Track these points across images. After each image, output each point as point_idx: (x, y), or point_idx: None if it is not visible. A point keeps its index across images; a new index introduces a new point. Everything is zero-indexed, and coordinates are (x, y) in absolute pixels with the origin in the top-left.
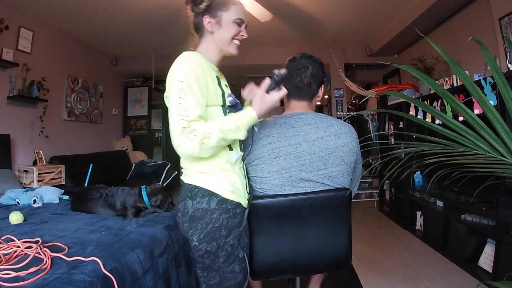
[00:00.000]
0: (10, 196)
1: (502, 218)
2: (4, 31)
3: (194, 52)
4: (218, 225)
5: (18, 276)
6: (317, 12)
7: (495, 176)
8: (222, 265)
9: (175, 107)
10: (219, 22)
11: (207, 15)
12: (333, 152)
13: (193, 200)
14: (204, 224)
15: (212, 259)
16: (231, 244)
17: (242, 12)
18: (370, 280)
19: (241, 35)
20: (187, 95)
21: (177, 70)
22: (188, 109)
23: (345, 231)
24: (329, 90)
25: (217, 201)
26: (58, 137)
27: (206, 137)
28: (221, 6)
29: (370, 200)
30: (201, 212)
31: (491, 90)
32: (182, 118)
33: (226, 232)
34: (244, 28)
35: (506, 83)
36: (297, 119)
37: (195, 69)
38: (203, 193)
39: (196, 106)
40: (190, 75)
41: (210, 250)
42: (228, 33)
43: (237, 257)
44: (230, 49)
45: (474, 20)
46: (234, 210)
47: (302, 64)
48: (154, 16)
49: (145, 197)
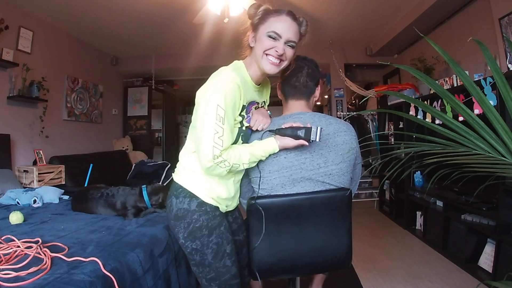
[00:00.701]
0: (10, 196)
1: (502, 218)
2: (4, 31)
3: (236, 74)
4: (198, 226)
5: (18, 276)
6: (317, 12)
7: (495, 176)
8: (212, 261)
9: (211, 132)
10: (255, 36)
11: (252, 29)
12: (333, 150)
13: (177, 199)
14: (186, 224)
15: (200, 256)
16: (216, 242)
17: (281, 27)
18: (370, 280)
19: (274, 50)
20: (224, 124)
21: (217, 94)
22: (223, 139)
23: (345, 231)
24: (329, 90)
25: (197, 203)
26: (58, 137)
27: (235, 167)
28: (262, 20)
29: (370, 200)
30: (183, 212)
31: (491, 90)
32: (216, 146)
33: (208, 232)
34: (282, 44)
35: (506, 83)
36: (295, 119)
37: (233, 96)
38: (186, 193)
39: (229, 135)
40: (228, 103)
41: (196, 248)
42: (259, 47)
43: (225, 253)
44: (262, 64)
45: (474, 20)
46: (213, 213)
47: (297, 65)
48: (154, 16)
49: (146, 196)
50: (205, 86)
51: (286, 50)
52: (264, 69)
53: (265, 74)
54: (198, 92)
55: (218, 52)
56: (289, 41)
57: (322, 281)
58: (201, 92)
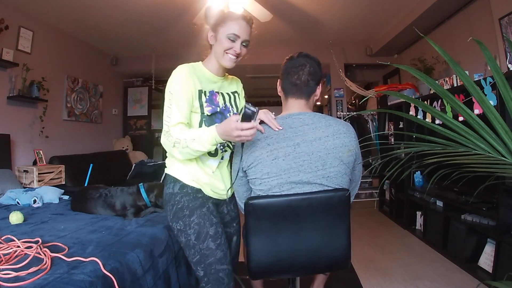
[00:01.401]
0: (10, 196)
1: (502, 218)
2: (4, 31)
3: (186, 65)
4: (180, 206)
5: (18, 276)
6: (317, 12)
7: (495, 176)
8: (195, 242)
9: (164, 114)
10: (215, 36)
11: (211, 30)
12: (332, 152)
13: (165, 186)
14: (171, 206)
15: (185, 237)
16: (197, 223)
17: (239, 29)
18: (370, 280)
19: (233, 50)
20: (172, 105)
21: (170, 82)
22: (171, 117)
23: (343, 231)
24: (329, 90)
25: (179, 186)
26: (58, 137)
27: (177, 142)
28: (220, 22)
29: (370, 200)
30: (169, 196)
31: (491, 90)
32: (165, 123)
33: (189, 212)
34: (239, 44)
35: (506, 83)
36: (294, 119)
37: (182, 82)
38: (171, 179)
39: (177, 114)
40: (177, 88)
41: (180, 229)
42: (220, 47)
43: (207, 234)
44: (223, 61)
45: (474, 20)
46: (194, 194)
47: (300, 62)
48: (154, 16)
49: (144, 193)
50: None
51: (242, 49)
52: (224, 65)
53: (224, 67)
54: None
55: None
56: (244, 41)
57: (324, 282)
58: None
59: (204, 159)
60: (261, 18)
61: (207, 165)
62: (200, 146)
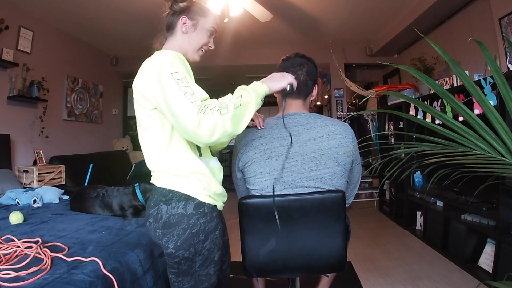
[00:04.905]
0: (10, 196)
1: (502, 218)
2: (4, 31)
3: (171, 51)
4: (195, 231)
5: (18, 276)
6: (317, 12)
7: (495, 176)
8: (198, 269)
9: (181, 97)
10: (195, 25)
11: (184, 15)
12: (326, 153)
13: (168, 205)
14: (181, 230)
15: (189, 265)
16: (208, 249)
17: (216, 24)
18: (370, 280)
19: (209, 46)
20: (189, 82)
21: (165, 66)
22: (196, 93)
23: (338, 233)
24: (329, 90)
25: (194, 205)
26: (58, 137)
27: (222, 107)
28: (201, 12)
29: (370, 200)
30: (177, 218)
31: (491, 90)
32: (193, 101)
33: (204, 237)
34: (212, 39)
35: (506, 83)
36: (289, 119)
37: (180, 61)
38: (179, 197)
39: (200, 89)
40: (181, 66)
41: (187, 257)
42: (200, 39)
43: (212, 260)
44: (195, 56)
45: (474, 20)
46: (211, 214)
47: (298, 62)
48: (154, 16)
49: (139, 194)
50: (144, 74)
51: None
52: (194, 59)
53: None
54: (137, 84)
55: (218, 51)
56: (215, 36)
57: (329, 284)
58: (143, 80)
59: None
60: (261, 18)
61: (211, 168)
62: (255, 95)
